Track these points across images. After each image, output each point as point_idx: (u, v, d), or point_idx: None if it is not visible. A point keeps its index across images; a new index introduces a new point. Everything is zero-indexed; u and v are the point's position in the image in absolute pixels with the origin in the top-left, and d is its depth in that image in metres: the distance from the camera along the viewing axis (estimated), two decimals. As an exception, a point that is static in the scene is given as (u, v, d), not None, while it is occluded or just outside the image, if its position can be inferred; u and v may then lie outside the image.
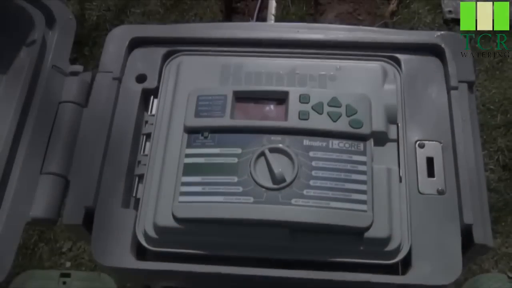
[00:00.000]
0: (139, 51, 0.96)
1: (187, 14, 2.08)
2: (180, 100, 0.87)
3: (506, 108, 1.85)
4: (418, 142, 0.85)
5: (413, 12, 2.10)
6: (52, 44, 0.93)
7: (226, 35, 0.95)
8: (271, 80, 0.89)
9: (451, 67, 0.89)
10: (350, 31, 0.95)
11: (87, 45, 2.01)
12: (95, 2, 2.08)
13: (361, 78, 0.89)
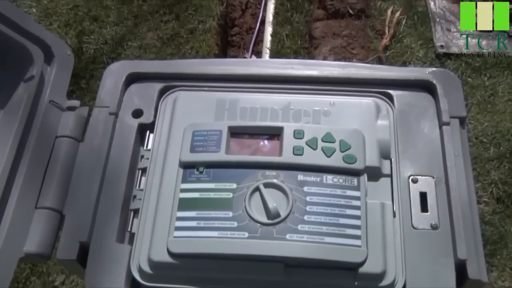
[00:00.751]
0: (136, 86, 0.97)
1: (183, 48, 2.11)
2: (176, 135, 0.88)
3: (498, 141, 1.86)
4: (411, 177, 0.86)
5: (406, 46, 2.14)
6: (50, 79, 0.94)
7: (222, 71, 0.96)
8: (266, 115, 0.90)
9: (442, 103, 0.90)
10: (343, 68, 0.97)
11: (84, 77, 2.03)
12: (93, 36, 2.11)
13: (354, 113, 0.90)
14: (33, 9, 2.13)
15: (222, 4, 2.22)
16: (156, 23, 2.13)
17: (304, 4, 2.29)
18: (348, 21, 2.15)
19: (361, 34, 2.12)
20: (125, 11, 2.15)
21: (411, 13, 2.21)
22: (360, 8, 2.16)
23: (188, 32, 2.11)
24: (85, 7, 2.16)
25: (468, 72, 2.03)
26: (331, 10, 2.16)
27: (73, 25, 2.12)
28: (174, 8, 2.15)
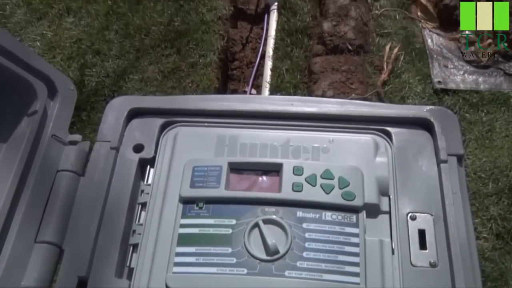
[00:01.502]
0: (137, 121, 0.99)
1: (184, 81, 2.13)
2: (176, 170, 0.89)
3: (497, 177, 1.87)
4: (409, 214, 0.87)
5: (404, 82, 2.16)
6: (53, 113, 0.96)
7: (222, 107, 0.98)
8: (265, 151, 0.91)
9: (440, 141, 0.92)
10: (342, 105, 0.99)
11: (85, 110, 2.04)
12: (95, 69, 2.13)
13: (353, 150, 0.92)
14: (37, 43, 2.16)
15: (223, 38, 2.25)
16: (158, 56, 2.16)
17: (304, 39, 2.32)
18: (347, 56, 2.18)
19: (359, 69, 2.15)
20: (127, 44, 2.18)
21: (409, 49, 2.24)
22: (358, 44, 2.19)
23: (189, 66, 2.14)
24: (88, 40, 2.19)
25: (466, 107, 2.04)
26: (330, 45, 2.19)
27: (76, 58, 2.14)
28: (176, 42, 2.18)
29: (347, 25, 2.24)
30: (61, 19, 2.25)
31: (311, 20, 2.39)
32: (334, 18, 2.26)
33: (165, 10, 2.28)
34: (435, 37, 2.27)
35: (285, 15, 2.42)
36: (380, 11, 2.38)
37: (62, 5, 2.28)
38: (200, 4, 2.32)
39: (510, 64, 2.12)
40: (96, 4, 2.30)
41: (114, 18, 2.25)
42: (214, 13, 2.29)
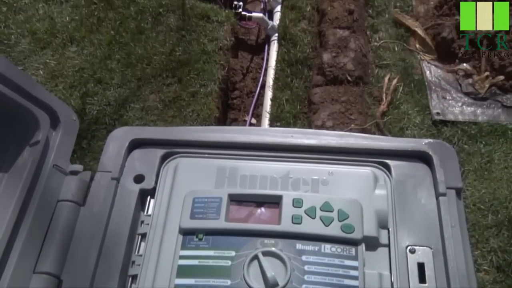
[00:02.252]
0: (138, 152, 0.99)
1: (184, 110, 2.15)
2: (176, 201, 0.90)
3: (496, 208, 1.87)
4: (409, 247, 0.87)
5: (403, 113, 2.18)
6: (55, 144, 0.96)
7: (222, 138, 0.99)
8: (265, 183, 0.92)
9: (439, 174, 0.92)
10: (341, 137, 1.00)
11: (86, 138, 2.05)
12: (96, 97, 2.15)
13: (352, 183, 0.92)
14: (40, 71, 2.18)
15: (223, 68, 2.28)
16: (159, 86, 2.18)
17: (304, 70, 2.35)
18: (347, 87, 2.20)
19: (359, 100, 2.17)
20: (129, 74, 2.20)
21: (408, 80, 2.26)
22: (358, 75, 2.22)
23: (190, 95, 2.16)
24: (90, 69, 2.21)
25: (464, 139, 2.06)
26: (330, 76, 2.22)
27: (78, 86, 2.17)
28: (177, 71, 2.21)
29: (346, 57, 2.27)
30: (65, 48, 2.29)
31: (311, 51, 2.43)
32: (333, 49, 2.30)
33: (167, 40, 2.32)
34: (433, 69, 2.30)
35: (285, 46, 2.46)
36: (379, 43, 2.42)
37: (65, 34, 2.31)
38: (201, 35, 2.35)
39: (508, 96, 2.14)
40: (99, 34, 2.34)
41: (117, 47, 2.29)
42: (215, 43, 2.33)
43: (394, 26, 2.48)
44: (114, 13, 2.42)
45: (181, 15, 2.41)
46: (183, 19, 2.40)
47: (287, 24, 2.51)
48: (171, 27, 2.37)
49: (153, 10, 2.42)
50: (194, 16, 2.41)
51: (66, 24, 2.37)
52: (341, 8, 2.43)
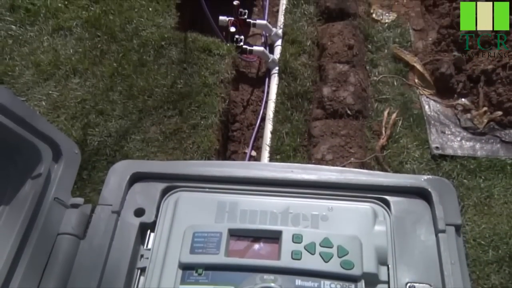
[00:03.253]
0: (139, 186, 1.00)
1: (185, 142, 2.16)
2: (176, 235, 0.90)
3: (497, 244, 1.86)
4: (408, 285, 0.86)
5: (402, 147, 2.20)
6: (56, 176, 0.97)
7: (223, 173, 1.00)
8: (265, 218, 0.92)
9: (438, 210, 0.93)
10: (341, 173, 1.00)
11: (86, 169, 2.06)
12: (98, 128, 2.17)
13: (352, 219, 0.92)
14: (43, 102, 2.21)
15: (224, 101, 2.30)
16: (160, 117, 2.20)
17: (304, 103, 2.37)
18: (346, 121, 2.22)
19: (358, 134, 2.18)
20: (131, 105, 2.22)
21: (407, 115, 2.28)
22: (357, 109, 2.24)
23: (191, 127, 2.17)
24: (92, 101, 2.23)
25: (464, 173, 2.06)
26: (330, 110, 2.24)
27: (80, 117, 2.18)
28: (178, 104, 2.23)
29: (346, 91, 2.30)
30: (67, 80, 2.31)
31: (311, 85, 2.45)
32: (333, 83, 2.33)
33: (169, 73, 2.35)
34: (432, 103, 2.32)
35: (285, 79, 2.49)
36: (378, 78, 2.45)
37: (69, 66, 2.34)
38: (203, 68, 2.38)
39: (506, 131, 2.16)
40: (102, 66, 2.37)
41: (119, 79, 2.31)
42: (216, 76, 2.36)
43: (393, 61, 2.51)
44: (117, 46, 2.45)
45: (183, 48, 2.45)
46: (185, 52, 2.44)
47: (287, 58, 2.55)
48: (173, 60, 2.40)
49: (155, 43, 2.46)
50: (196, 50, 2.45)
51: (69, 56, 2.40)
52: (341, 43, 2.47)
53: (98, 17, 2.58)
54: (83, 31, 2.52)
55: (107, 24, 2.55)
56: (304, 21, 2.77)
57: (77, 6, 2.64)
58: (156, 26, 2.55)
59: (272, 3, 3.15)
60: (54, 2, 2.65)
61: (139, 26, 2.55)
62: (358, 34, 2.57)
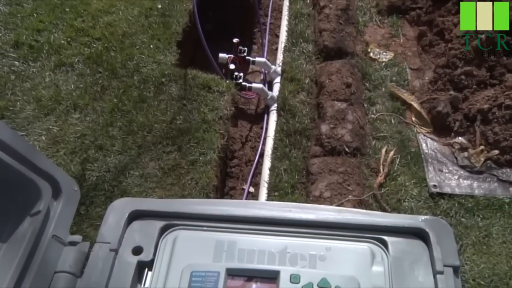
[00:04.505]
0: (138, 223, 1.00)
1: (183, 178, 2.17)
2: (174, 274, 0.90)
3: (496, 285, 1.85)
4: (407, 326, 0.86)
5: (400, 184, 2.20)
6: (55, 214, 0.97)
7: (221, 212, 1.00)
8: (263, 258, 0.92)
9: (436, 251, 0.93)
10: (339, 212, 1.01)
11: (84, 204, 2.06)
12: (97, 164, 2.18)
13: (350, 259, 0.92)
14: (43, 137, 2.22)
15: (223, 137, 2.32)
16: (159, 153, 2.21)
17: (302, 140, 2.39)
18: (344, 158, 2.23)
19: (356, 171, 2.19)
20: (130, 141, 2.24)
21: (405, 153, 2.30)
22: (355, 147, 2.26)
23: (189, 163, 2.18)
24: (92, 136, 2.25)
25: (462, 212, 2.06)
26: (328, 147, 2.25)
27: (79, 152, 2.19)
28: (177, 140, 2.24)
29: (344, 128, 2.32)
30: (68, 115, 2.33)
31: (309, 122, 2.48)
32: (331, 121, 2.35)
33: (169, 109, 2.37)
34: (429, 141, 2.34)
35: (284, 116, 2.52)
36: (376, 115, 2.48)
37: (69, 102, 2.37)
38: (202, 104, 2.41)
39: (503, 170, 2.17)
40: (102, 101, 2.39)
41: (119, 115, 2.34)
42: (215, 113, 2.38)
43: (391, 100, 2.54)
44: (118, 82, 2.49)
45: (183, 85, 2.48)
46: (185, 89, 2.47)
47: (286, 95, 2.58)
48: (173, 96, 2.43)
49: (156, 80, 2.49)
50: (195, 86, 2.48)
51: (70, 91, 2.43)
52: (339, 81, 2.50)
53: (100, 53, 2.62)
54: (85, 67, 2.56)
55: (109, 60, 2.59)
56: (302, 59, 2.82)
57: (79, 43, 2.69)
58: (156, 63, 2.59)
59: (271, 41, 3.21)
60: (57, 39, 2.69)
61: (140, 63, 2.59)
62: (356, 73, 2.61)
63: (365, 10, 3.12)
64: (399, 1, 3.03)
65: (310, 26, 3.03)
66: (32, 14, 2.87)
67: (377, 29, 2.99)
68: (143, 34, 2.75)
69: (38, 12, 2.89)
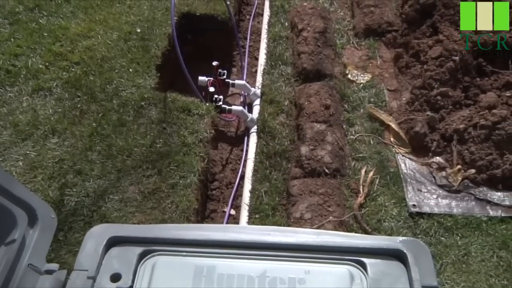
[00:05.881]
0: (116, 250, 0.99)
1: (163, 202, 2.15)
2: (153, 302, 0.89)
3: (477, 305, 1.87)
4: None
5: (380, 205, 2.22)
6: (31, 242, 0.96)
7: (200, 236, 1.00)
8: (242, 282, 0.92)
9: (414, 272, 0.94)
10: (318, 235, 1.01)
11: (63, 230, 2.03)
12: (75, 188, 2.15)
13: (329, 281, 0.93)
14: (20, 162, 2.19)
15: (203, 160, 2.32)
16: (139, 177, 2.20)
17: (282, 162, 2.40)
18: (324, 179, 2.24)
19: (336, 192, 2.20)
20: (109, 165, 2.22)
21: (384, 173, 2.32)
22: (335, 168, 2.27)
23: (169, 187, 2.17)
24: (71, 160, 2.23)
25: (441, 231, 2.08)
26: (308, 169, 2.26)
27: (57, 177, 2.17)
28: (157, 163, 2.24)
29: (323, 150, 2.33)
30: (46, 139, 2.31)
31: (289, 144, 2.49)
32: (311, 142, 2.36)
33: (148, 133, 2.37)
34: (408, 161, 2.37)
35: (264, 138, 2.52)
36: (355, 136, 2.50)
37: (48, 126, 2.35)
38: (182, 127, 2.41)
39: (480, 189, 2.20)
40: (81, 125, 2.38)
41: (98, 139, 2.32)
42: (195, 135, 2.38)
43: (369, 120, 2.57)
44: (97, 106, 2.48)
45: (163, 108, 2.48)
46: (165, 112, 2.47)
47: (266, 118, 2.60)
48: (153, 119, 2.43)
49: (135, 103, 2.49)
50: (175, 109, 2.48)
51: (49, 116, 2.41)
52: (318, 103, 2.53)
53: (78, 77, 2.61)
54: (63, 92, 2.55)
55: (88, 84, 2.58)
56: (282, 81, 2.84)
57: (58, 67, 2.68)
58: (136, 87, 2.59)
59: (251, 64, 3.23)
60: (35, 64, 2.68)
61: (119, 87, 2.58)
62: (335, 94, 2.64)
63: (343, 32, 3.18)
64: (375, 24, 3.08)
65: (288, 48, 3.06)
66: (10, 39, 2.86)
67: (354, 51, 3.03)
68: (122, 58, 2.75)
69: (16, 37, 2.88)
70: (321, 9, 3.24)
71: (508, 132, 2.19)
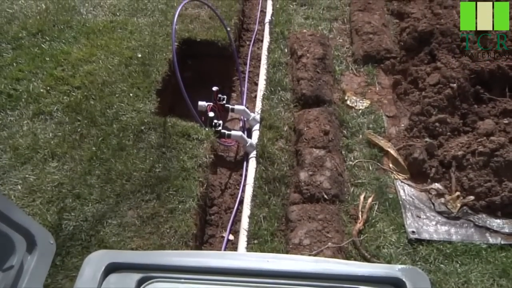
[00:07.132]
0: (114, 277, 0.99)
1: (162, 227, 2.14)
2: (150, 330, 0.88)
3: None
4: None
5: (379, 231, 2.21)
6: (29, 268, 0.96)
7: (198, 263, 0.99)
8: (240, 311, 0.92)
9: (413, 301, 0.93)
10: (316, 263, 1.01)
11: (60, 254, 2.02)
12: (74, 213, 2.15)
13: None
14: (18, 186, 2.19)
15: (202, 185, 2.32)
16: (137, 202, 2.20)
17: (281, 188, 2.40)
18: (323, 205, 2.24)
19: (335, 218, 2.20)
20: (108, 189, 2.22)
21: (383, 199, 2.32)
22: (334, 194, 2.27)
23: (168, 211, 2.17)
24: (70, 184, 2.23)
25: (440, 258, 2.07)
26: (307, 194, 2.26)
27: (56, 201, 2.17)
28: (156, 188, 2.24)
29: (322, 175, 2.33)
30: (45, 163, 2.31)
31: (288, 169, 2.49)
32: (310, 168, 2.37)
33: (148, 157, 2.37)
34: (406, 188, 2.37)
35: (263, 163, 2.53)
36: (354, 162, 2.51)
37: (47, 150, 2.35)
38: (181, 152, 2.42)
39: (479, 216, 2.20)
40: (81, 150, 2.38)
41: (97, 163, 2.33)
42: (195, 160, 2.39)
43: (368, 146, 2.58)
44: (97, 130, 2.49)
45: (162, 132, 2.49)
46: (164, 137, 2.48)
47: (265, 143, 2.60)
48: (152, 144, 2.44)
49: (135, 128, 2.50)
50: (175, 134, 2.49)
51: (48, 140, 2.42)
52: (317, 128, 2.54)
53: (79, 102, 2.63)
54: (64, 116, 2.56)
55: (88, 108, 2.60)
56: (281, 107, 2.86)
57: (59, 92, 2.70)
58: (136, 111, 2.61)
59: (250, 89, 3.26)
60: (37, 88, 2.71)
61: (120, 111, 2.60)
62: (334, 120, 2.65)
63: (342, 59, 3.21)
64: (374, 51, 3.12)
65: (288, 74, 3.09)
66: (12, 64, 2.89)
67: (353, 78, 3.06)
68: (123, 83, 2.78)
69: (18, 62, 2.91)
70: (320, 36, 3.27)
71: (506, 159, 2.20)
